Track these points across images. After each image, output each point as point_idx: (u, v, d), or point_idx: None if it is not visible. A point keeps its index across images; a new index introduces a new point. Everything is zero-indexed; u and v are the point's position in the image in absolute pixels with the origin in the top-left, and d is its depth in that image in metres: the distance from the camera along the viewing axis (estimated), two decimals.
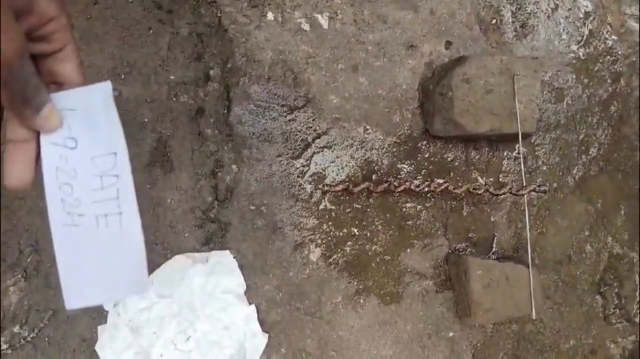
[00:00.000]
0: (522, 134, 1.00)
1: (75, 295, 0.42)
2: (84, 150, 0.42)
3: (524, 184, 1.03)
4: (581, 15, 1.18)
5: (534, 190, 1.02)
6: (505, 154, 1.09)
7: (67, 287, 0.42)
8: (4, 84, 0.35)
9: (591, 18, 1.19)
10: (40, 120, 0.40)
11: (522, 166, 1.05)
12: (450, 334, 1.04)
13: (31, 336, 0.90)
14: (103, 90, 0.42)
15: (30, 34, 0.39)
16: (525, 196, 1.02)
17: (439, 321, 1.03)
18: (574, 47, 1.18)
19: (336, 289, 0.99)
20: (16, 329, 0.89)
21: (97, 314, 0.92)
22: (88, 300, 0.43)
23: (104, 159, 0.42)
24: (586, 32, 1.19)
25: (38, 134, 0.41)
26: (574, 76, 1.16)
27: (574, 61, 1.17)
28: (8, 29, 0.33)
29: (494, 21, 1.12)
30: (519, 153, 1.09)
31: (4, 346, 0.89)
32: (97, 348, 0.91)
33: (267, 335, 0.95)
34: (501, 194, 1.02)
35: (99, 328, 0.91)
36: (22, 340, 0.89)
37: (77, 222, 0.42)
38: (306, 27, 0.99)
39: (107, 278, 0.43)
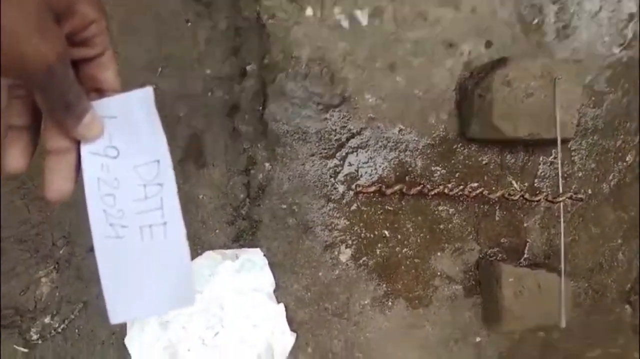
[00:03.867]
0: (560, 140, 0.98)
1: (120, 309, 0.41)
2: (126, 159, 0.40)
3: (560, 191, 1.01)
4: (625, 17, 1.14)
5: (570, 197, 1.00)
6: (541, 158, 1.07)
7: (112, 300, 0.41)
8: (45, 91, 0.34)
9: (635, 20, 1.15)
10: (82, 129, 0.38)
11: (560, 172, 1.03)
12: (477, 339, 1.03)
13: (62, 327, 0.90)
14: (144, 96, 0.40)
15: (70, 37, 0.37)
16: (561, 203, 1.00)
17: (466, 326, 1.03)
18: (616, 50, 1.14)
19: (365, 290, 0.99)
20: (47, 320, 0.90)
21: None
22: (133, 314, 0.41)
23: (147, 168, 0.40)
24: (629, 35, 1.15)
25: (78, 143, 0.40)
26: (615, 80, 1.13)
27: (616, 64, 1.13)
28: (48, 32, 0.32)
29: (536, 21, 1.09)
30: (555, 158, 1.07)
31: (34, 337, 0.89)
32: (126, 341, 0.91)
33: (295, 334, 0.95)
34: (537, 201, 1.00)
35: (128, 322, 0.91)
36: (52, 331, 0.90)
37: (121, 234, 0.40)
38: (345, 23, 0.97)
39: (153, 291, 0.41)
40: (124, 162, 0.40)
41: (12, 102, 0.39)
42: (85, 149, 0.39)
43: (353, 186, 0.98)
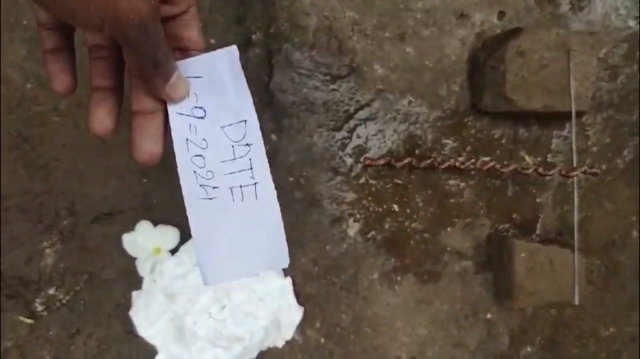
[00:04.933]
0: (575, 113, 0.95)
1: (214, 271, 0.41)
2: (213, 119, 0.40)
3: (574, 166, 0.99)
4: None
5: (584, 172, 0.97)
6: (554, 132, 1.04)
7: (205, 263, 0.40)
8: (136, 48, 0.33)
9: None
10: (169, 89, 0.38)
11: (574, 146, 1.00)
12: (488, 316, 1.01)
13: (66, 298, 0.89)
14: (230, 55, 0.40)
15: None
16: (575, 178, 0.97)
17: (477, 302, 1.01)
18: (632, 23, 1.11)
19: (373, 265, 0.97)
20: (52, 291, 0.89)
21: (132, 280, 0.91)
22: (227, 276, 0.41)
23: (234, 128, 0.40)
24: None
25: (165, 104, 0.39)
26: (630, 54, 1.10)
27: (631, 38, 1.10)
28: None
29: None
30: (569, 132, 1.04)
31: (40, 308, 0.89)
32: (132, 313, 0.90)
33: (302, 308, 0.94)
34: (550, 175, 0.98)
35: (134, 293, 0.91)
36: (57, 302, 0.89)
37: (212, 195, 0.40)
38: None
39: (246, 252, 0.41)
40: (211, 123, 0.40)
41: (96, 62, 0.39)
42: (172, 110, 0.39)
43: (361, 159, 0.96)
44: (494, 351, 1.02)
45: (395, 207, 0.98)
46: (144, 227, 0.89)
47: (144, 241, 0.89)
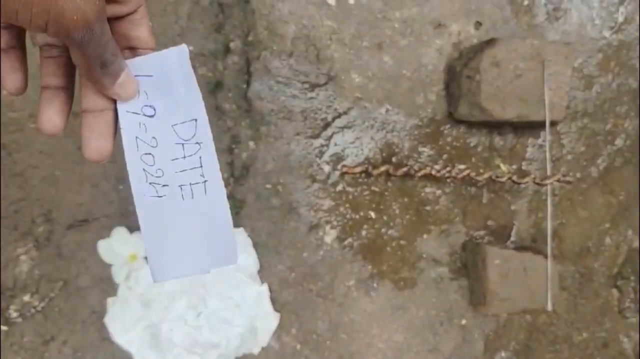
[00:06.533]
0: (549, 122, 0.97)
1: (163, 268, 0.41)
2: (163, 118, 0.40)
3: (548, 174, 1.00)
4: (616, 0, 1.13)
5: (558, 180, 0.99)
6: (529, 141, 1.06)
7: (154, 260, 0.41)
8: (82, 49, 0.33)
9: (626, 3, 1.14)
10: (118, 87, 0.38)
11: (548, 155, 1.02)
12: (463, 322, 1.02)
13: (41, 305, 0.89)
14: (179, 54, 0.39)
15: None
16: (548, 185, 0.99)
17: (452, 309, 1.02)
18: (607, 34, 1.13)
19: (350, 272, 0.98)
20: (27, 298, 0.89)
21: (108, 287, 0.91)
22: (176, 273, 0.41)
23: (184, 126, 0.40)
24: (620, 19, 1.14)
25: (115, 102, 0.39)
26: (605, 64, 1.12)
27: (606, 48, 1.12)
28: None
29: (526, 2, 1.07)
30: (544, 141, 1.06)
31: (14, 315, 0.88)
32: (107, 320, 0.90)
33: (278, 315, 0.94)
34: (524, 183, 0.99)
35: (109, 300, 0.90)
36: (32, 309, 0.89)
37: (161, 193, 0.41)
38: (331, 1, 0.95)
39: (195, 250, 0.41)
40: (161, 121, 0.40)
41: (46, 62, 0.39)
42: (122, 108, 0.40)
43: (339, 167, 0.97)
44: (468, 356, 1.03)
45: (372, 214, 0.99)
46: (119, 234, 0.89)
47: (120, 248, 0.89)
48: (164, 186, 0.40)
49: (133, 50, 0.40)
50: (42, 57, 0.39)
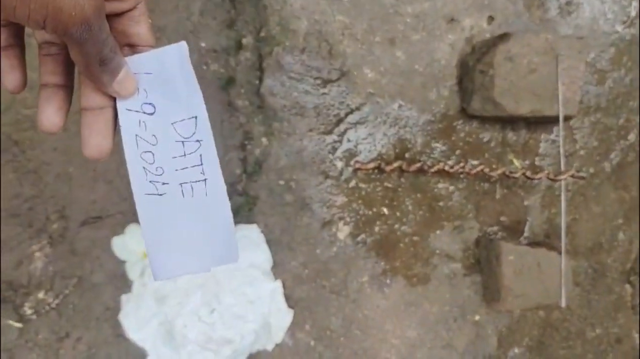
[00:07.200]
0: (562, 117, 0.96)
1: (164, 266, 0.41)
2: (163, 115, 0.40)
3: (562, 169, 1.00)
4: None
5: (572, 176, 0.98)
6: (542, 136, 1.05)
7: (155, 258, 0.41)
8: (81, 46, 0.33)
9: None
10: (117, 85, 0.37)
11: (562, 150, 1.01)
12: (477, 318, 1.02)
13: (56, 302, 0.89)
14: (179, 51, 0.39)
15: None
16: (562, 181, 0.98)
17: (466, 305, 1.02)
18: (619, 28, 1.12)
19: (363, 268, 0.98)
20: (41, 295, 0.89)
21: (122, 283, 0.91)
22: (177, 271, 0.41)
23: (184, 124, 0.40)
24: (632, 13, 1.13)
25: (114, 100, 0.39)
26: (618, 58, 1.11)
27: (618, 42, 1.12)
28: None
29: None
30: (557, 136, 1.06)
31: (29, 312, 0.88)
32: (121, 316, 0.90)
33: (292, 311, 0.94)
34: (538, 179, 0.99)
35: (123, 297, 0.91)
36: (47, 306, 0.89)
37: (161, 191, 0.40)
38: None
39: (196, 248, 0.41)
40: (161, 119, 0.40)
41: (45, 59, 0.38)
42: (121, 106, 0.39)
43: (351, 163, 0.97)
44: (482, 352, 1.03)
45: (385, 210, 0.98)
46: (133, 230, 0.89)
47: (134, 244, 0.89)
48: (164, 184, 0.40)
49: (132, 47, 0.40)
50: (40, 55, 0.38)
